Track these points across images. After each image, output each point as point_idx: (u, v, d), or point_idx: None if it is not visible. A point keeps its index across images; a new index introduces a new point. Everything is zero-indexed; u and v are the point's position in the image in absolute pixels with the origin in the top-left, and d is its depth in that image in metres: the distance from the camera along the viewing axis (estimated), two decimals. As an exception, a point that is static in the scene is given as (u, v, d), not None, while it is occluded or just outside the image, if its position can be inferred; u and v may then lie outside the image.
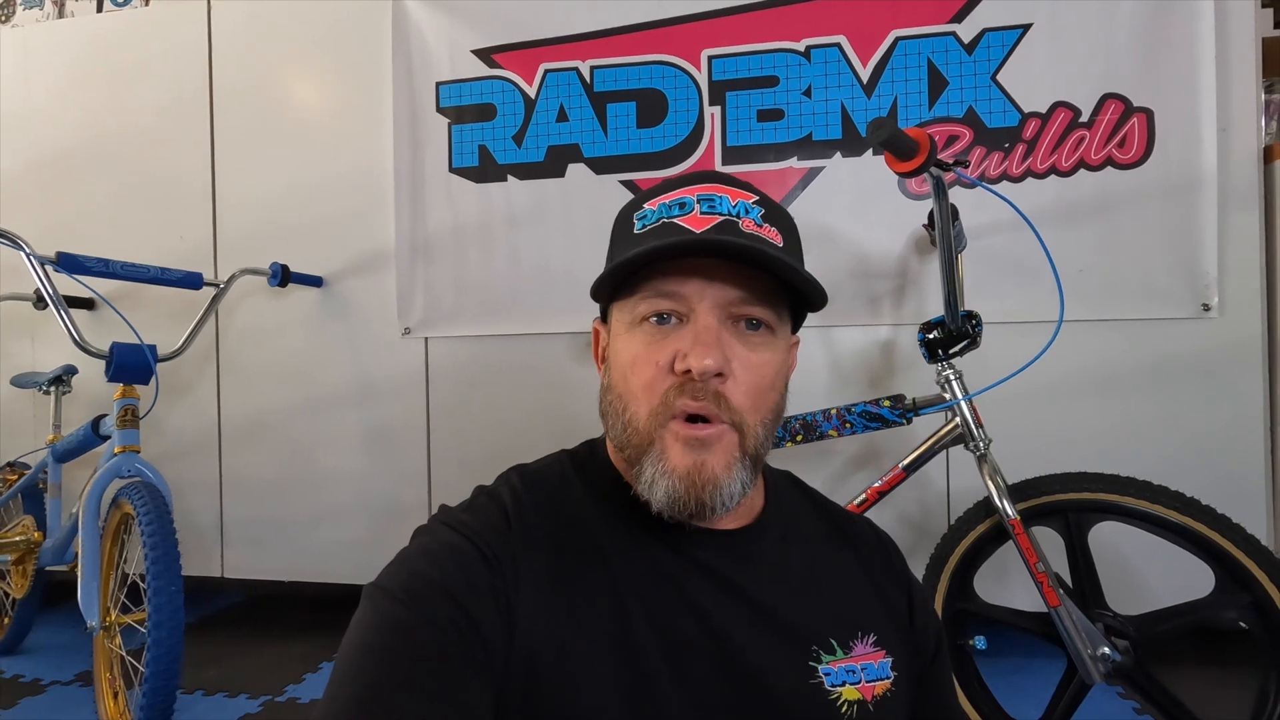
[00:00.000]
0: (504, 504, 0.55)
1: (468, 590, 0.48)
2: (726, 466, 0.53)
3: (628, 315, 0.56)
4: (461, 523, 0.53)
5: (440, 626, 0.46)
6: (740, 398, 0.53)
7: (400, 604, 0.47)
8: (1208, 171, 1.48)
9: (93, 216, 2.02)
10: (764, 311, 0.54)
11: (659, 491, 0.52)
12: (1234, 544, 0.99)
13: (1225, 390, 1.49)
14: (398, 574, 0.50)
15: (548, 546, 0.53)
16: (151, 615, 1.15)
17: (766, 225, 0.55)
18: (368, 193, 1.85)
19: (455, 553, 0.50)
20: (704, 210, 0.54)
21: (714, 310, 0.53)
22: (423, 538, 0.53)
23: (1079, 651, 1.04)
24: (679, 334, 0.53)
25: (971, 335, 1.15)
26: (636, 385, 0.54)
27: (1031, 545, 1.07)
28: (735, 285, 0.53)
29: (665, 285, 0.53)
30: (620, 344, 0.56)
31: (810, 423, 1.26)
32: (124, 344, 1.43)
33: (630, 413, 0.54)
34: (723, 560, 0.57)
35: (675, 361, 0.52)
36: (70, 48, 2.05)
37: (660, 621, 0.52)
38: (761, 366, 0.54)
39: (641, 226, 0.56)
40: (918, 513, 1.60)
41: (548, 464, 0.62)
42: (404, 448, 1.85)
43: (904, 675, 0.60)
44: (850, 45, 1.62)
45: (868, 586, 0.63)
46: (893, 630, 0.62)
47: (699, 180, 0.58)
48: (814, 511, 0.67)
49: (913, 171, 0.94)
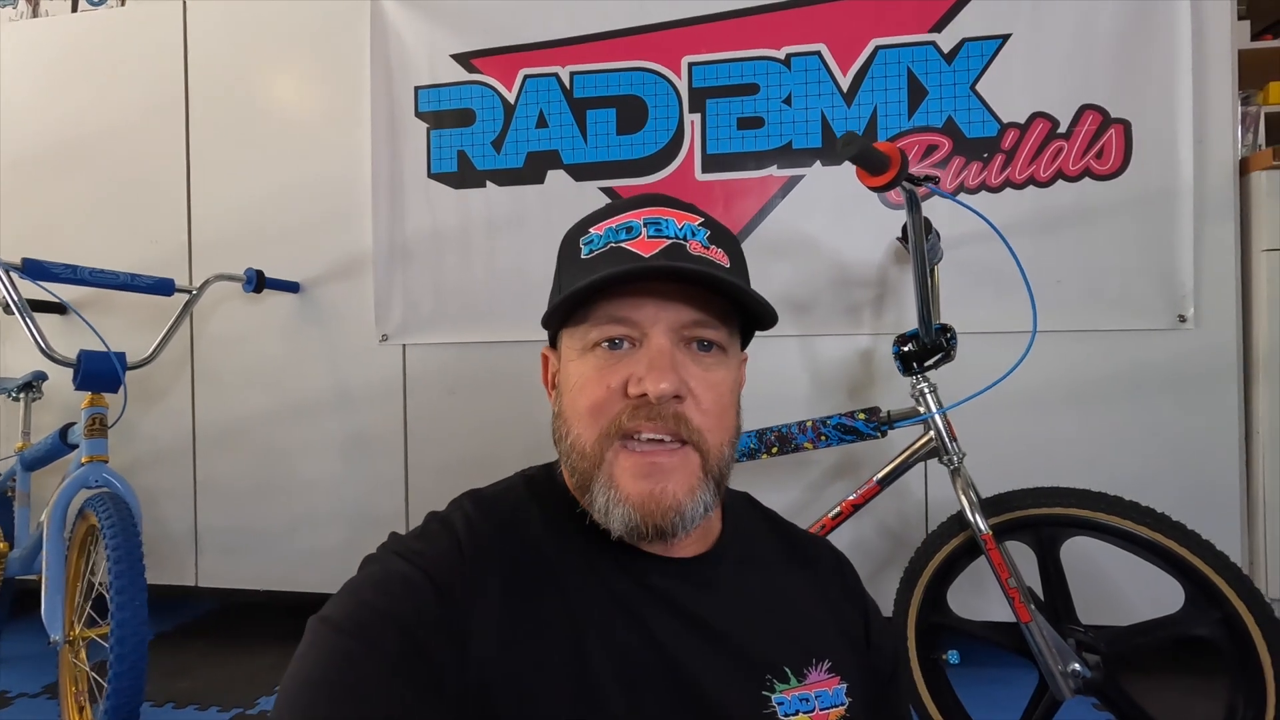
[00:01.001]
0: (457, 531, 0.54)
1: (418, 621, 0.47)
2: (690, 490, 0.52)
3: (579, 342, 0.55)
4: (413, 551, 0.52)
5: (389, 659, 0.45)
6: (701, 418, 0.53)
7: (347, 636, 0.45)
8: (1184, 183, 1.48)
9: (67, 220, 1.98)
10: (716, 332, 0.55)
11: (615, 519, 0.52)
12: (1203, 560, 0.99)
13: (1201, 401, 1.49)
14: (344, 605, 0.48)
15: (502, 575, 0.52)
16: (114, 631, 1.13)
17: (713, 247, 0.55)
18: (345, 198, 1.83)
19: (405, 582, 0.49)
20: (651, 234, 0.54)
21: (667, 333, 0.53)
22: (371, 567, 0.52)
23: (1049, 667, 1.04)
24: (632, 358, 0.53)
25: (946, 349, 1.15)
26: (583, 408, 0.53)
27: (1003, 560, 1.06)
28: (687, 308, 0.53)
29: (617, 311, 0.53)
30: (571, 370, 0.56)
31: (786, 435, 1.25)
32: (92, 351, 1.40)
33: (575, 435, 0.54)
34: (680, 589, 0.56)
35: (629, 385, 0.52)
36: (44, 48, 2.02)
37: (616, 652, 0.52)
38: (718, 386, 0.55)
39: (589, 251, 0.55)
40: (897, 523, 1.60)
41: (503, 489, 0.60)
42: (381, 455, 1.83)
43: (859, 700, 0.60)
44: (830, 54, 1.61)
45: (824, 611, 0.63)
46: (848, 654, 0.61)
47: (645, 203, 0.57)
48: (772, 534, 0.67)
49: (884, 186, 0.94)
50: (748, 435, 1.28)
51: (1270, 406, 1.47)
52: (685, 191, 1.67)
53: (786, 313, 1.65)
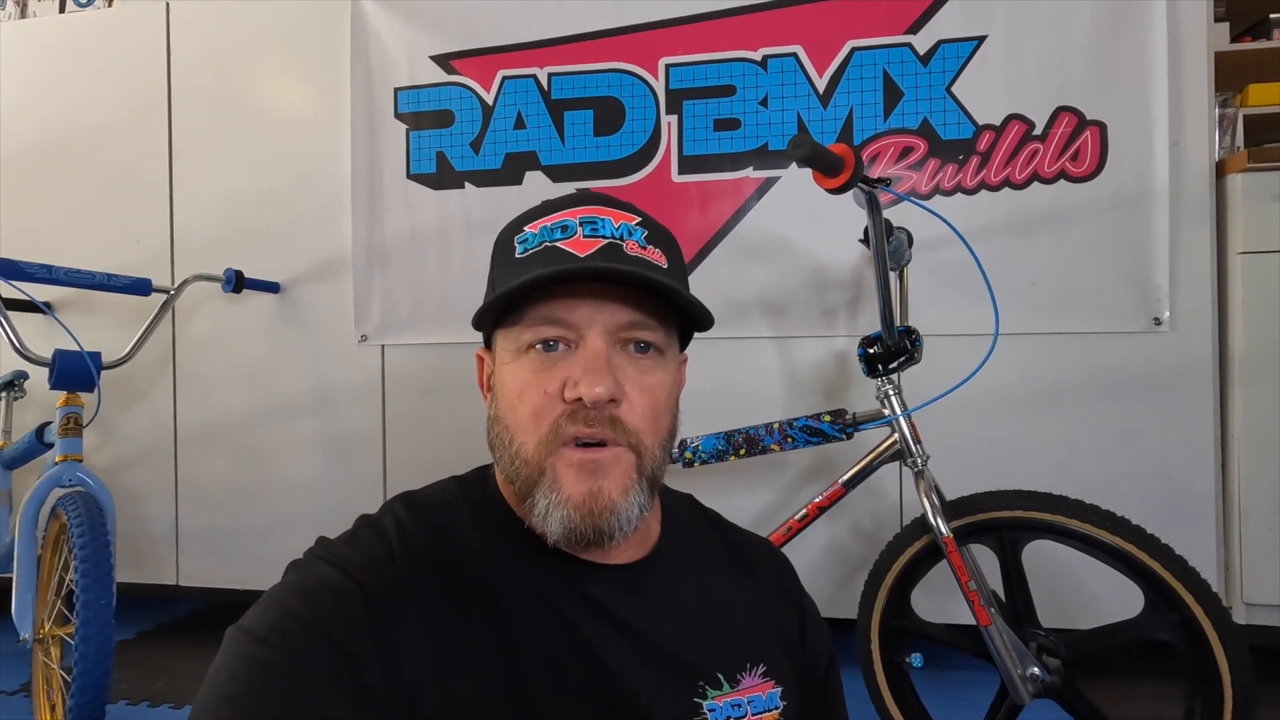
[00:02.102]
0: (388, 536, 0.53)
1: (346, 629, 0.46)
2: (624, 490, 0.52)
3: (513, 343, 0.54)
4: (341, 557, 0.50)
5: (313, 668, 0.43)
6: (636, 420, 0.52)
7: (266, 646, 0.44)
8: (1160, 185, 1.48)
9: (54, 220, 1.99)
10: (653, 334, 0.54)
11: (554, 522, 0.51)
12: (1161, 564, 0.98)
13: (1176, 405, 1.48)
14: (266, 614, 0.46)
15: (434, 581, 0.51)
16: (79, 629, 1.14)
17: (651, 247, 0.55)
18: (326, 198, 1.84)
19: (332, 589, 0.48)
20: (587, 233, 0.53)
21: (603, 335, 0.52)
22: (296, 574, 0.50)
23: (1008, 671, 1.03)
24: (568, 360, 0.52)
25: (910, 351, 1.14)
26: (524, 414, 0.52)
27: (964, 563, 1.06)
28: (623, 309, 0.52)
29: (551, 311, 0.52)
30: (506, 373, 0.55)
31: (753, 436, 1.25)
32: (67, 351, 1.41)
33: (518, 443, 0.53)
34: (615, 596, 0.55)
35: (565, 389, 0.51)
36: (32, 49, 2.03)
37: (548, 661, 0.51)
38: (655, 388, 0.54)
39: (523, 250, 0.54)
40: (871, 525, 1.60)
41: (436, 492, 0.59)
42: (360, 455, 1.83)
43: (793, 704, 0.60)
44: (807, 55, 1.61)
45: (762, 614, 0.63)
46: (783, 658, 0.62)
47: (581, 202, 0.56)
48: (713, 537, 0.67)
49: (840, 188, 0.94)
50: (716, 437, 1.28)
51: (1245, 410, 1.47)
52: (662, 193, 1.67)
53: (762, 314, 1.65)
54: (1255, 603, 1.47)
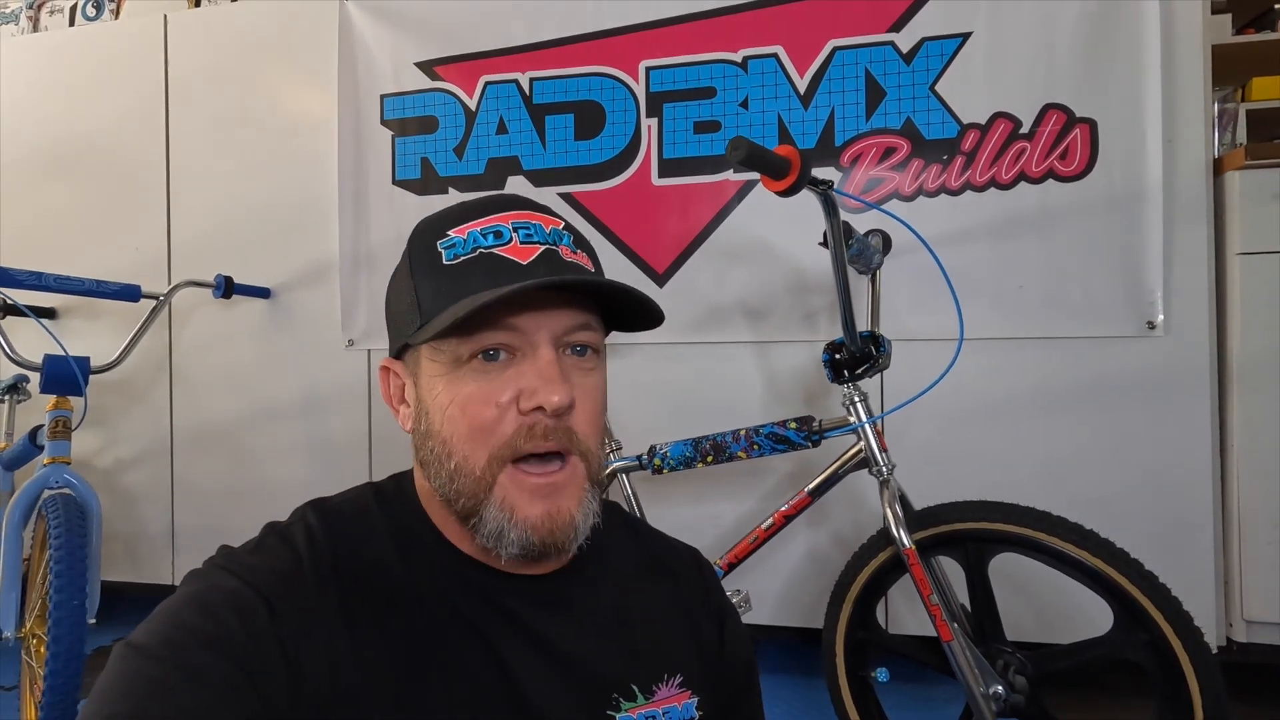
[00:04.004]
0: (296, 545, 0.51)
1: (246, 641, 0.44)
2: (580, 503, 0.52)
3: (447, 355, 0.51)
4: (245, 566, 0.49)
5: (207, 683, 0.41)
6: (584, 426, 0.52)
7: (156, 661, 0.42)
8: (1152, 184, 1.42)
9: (54, 226, 2.05)
10: (592, 336, 0.54)
11: (511, 543, 0.50)
12: (1130, 581, 0.94)
13: (1172, 412, 1.42)
14: (158, 628, 0.44)
15: (342, 592, 0.50)
16: (51, 628, 1.16)
17: (579, 251, 0.55)
18: (314, 205, 1.86)
19: (232, 600, 0.46)
20: (523, 239, 0.52)
21: (551, 342, 0.51)
22: (194, 584, 0.48)
23: (970, 689, 1.00)
24: (516, 370, 0.50)
25: (875, 357, 1.11)
26: (469, 429, 0.50)
27: (925, 576, 1.03)
28: (568, 313, 0.52)
29: (497, 320, 0.50)
30: (441, 386, 0.52)
31: (720, 443, 1.23)
32: (55, 356, 1.44)
33: (460, 458, 0.51)
34: (530, 609, 0.55)
35: (520, 399, 0.50)
36: (36, 62, 2.09)
37: (457, 676, 0.50)
38: (595, 391, 0.54)
39: (452, 257, 0.52)
40: (852, 533, 1.56)
41: (349, 499, 0.58)
42: (347, 459, 1.85)
43: (709, 713, 0.60)
44: (788, 55, 1.59)
45: (680, 622, 0.62)
46: (700, 667, 0.61)
47: (506, 206, 0.54)
48: (634, 546, 0.66)
49: (787, 191, 0.91)
50: (684, 444, 1.26)
51: (1245, 418, 1.40)
52: (642, 196, 1.66)
53: (743, 318, 1.63)
54: (1256, 620, 1.40)
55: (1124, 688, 1.51)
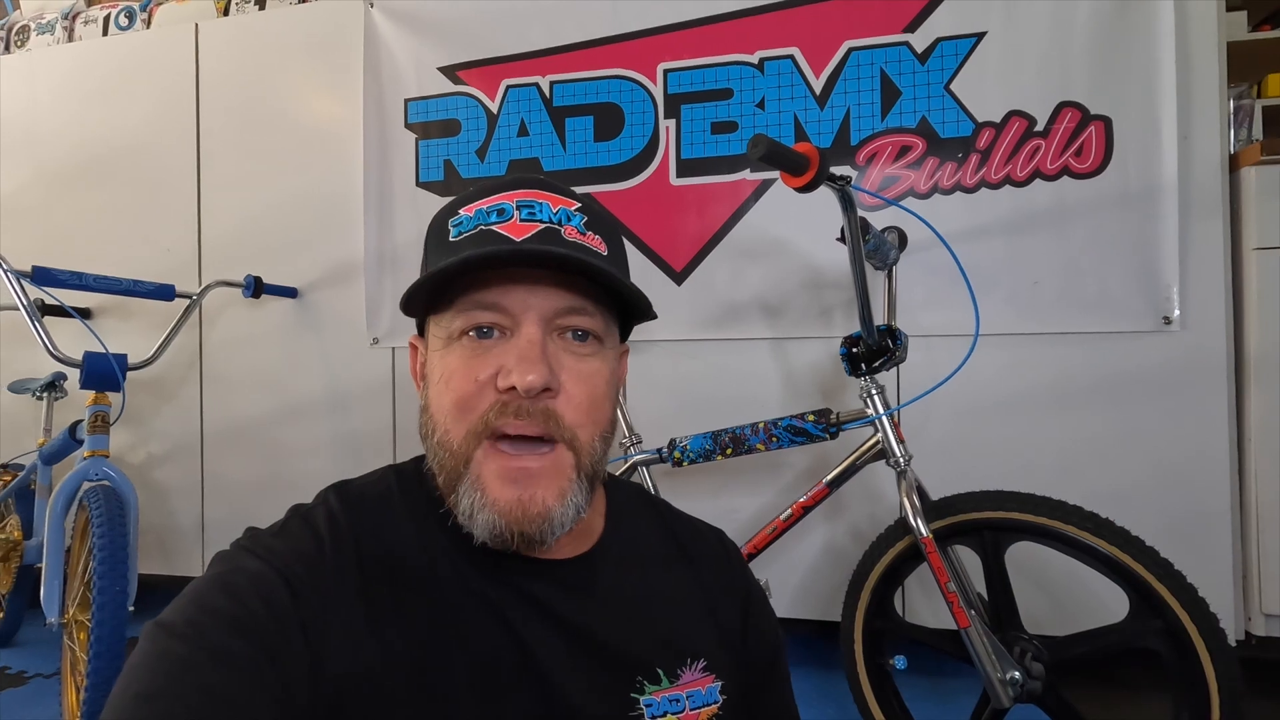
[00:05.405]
0: (318, 528, 0.52)
1: (269, 623, 0.45)
2: (560, 494, 0.51)
3: (444, 330, 0.52)
4: (268, 549, 0.49)
5: (231, 663, 0.42)
6: (572, 413, 0.51)
7: (184, 641, 0.42)
8: (1168, 180, 1.43)
9: (91, 229, 2.12)
10: (590, 321, 0.52)
11: (479, 525, 0.50)
12: (1146, 568, 0.95)
13: (1188, 407, 1.43)
14: (185, 609, 0.45)
15: (363, 575, 0.50)
16: (95, 614, 1.20)
17: (590, 233, 0.53)
18: (340, 207, 1.91)
19: (257, 582, 0.47)
20: (524, 217, 0.51)
21: (538, 322, 0.50)
22: (220, 566, 0.49)
23: (988, 675, 1.02)
24: (502, 348, 0.50)
25: (891, 350, 1.14)
26: (450, 403, 0.51)
27: (943, 564, 1.05)
28: (560, 294, 0.51)
29: (485, 297, 0.50)
30: (435, 361, 0.53)
31: (739, 436, 1.26)
32: (95, 353, 1.49)
33: (442, 432, 0.52)
34: (551, 593, 0.54)
35: (498, 377, 0.50)
36: (74, 71, 2.16)
37: (478, 659, 0.51)
38: (592, 377, 0.52)
39: (457, 234, 0.52)
40: (869, 526, 1.58)
41: (371, 481, 0.58)
42: (372, 455, 1.89)
43: (734, 697, 0.59)
44: (803, 56, 1.61)
45: (704, 607, 0.62)
46: (724, 651, 0.61)
47: (519, 185, 0.55)
48: (658, 529, 0.66)
49: (805, 187, 0.94)
50: (703, 437, 1.29)
51: (1263, 413, 1.41)
52: (661, 196, 1.69)
53: (760, 315, 1.65)
54: (1276, 614, 1.40)
55: (1141, 682, 1.51)
